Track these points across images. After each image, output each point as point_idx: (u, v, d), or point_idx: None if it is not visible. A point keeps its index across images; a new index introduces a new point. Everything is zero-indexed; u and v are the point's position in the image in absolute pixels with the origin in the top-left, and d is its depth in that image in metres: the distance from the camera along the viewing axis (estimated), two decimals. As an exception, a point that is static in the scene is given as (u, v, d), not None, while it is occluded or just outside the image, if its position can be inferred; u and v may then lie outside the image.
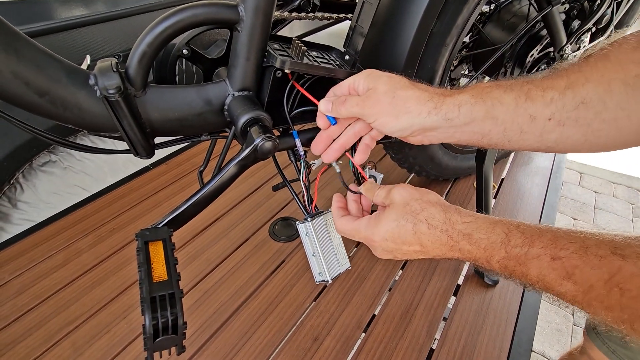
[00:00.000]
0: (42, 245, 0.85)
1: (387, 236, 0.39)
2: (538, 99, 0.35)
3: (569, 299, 0.30)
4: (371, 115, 0.41)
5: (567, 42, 0.73)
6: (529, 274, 0.31)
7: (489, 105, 0.38)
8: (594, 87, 0.33)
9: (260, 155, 0.47)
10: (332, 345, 0.64)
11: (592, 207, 2.12)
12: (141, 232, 0.40)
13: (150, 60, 0.44)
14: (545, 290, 0.31)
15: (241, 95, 0.51)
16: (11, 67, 0.36)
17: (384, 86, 0.41)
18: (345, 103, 0.43)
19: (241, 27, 0.46)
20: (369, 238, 0.41)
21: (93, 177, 1.17)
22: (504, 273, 0.34)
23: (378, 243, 0.40)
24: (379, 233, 0.39)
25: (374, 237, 0.40)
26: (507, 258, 0.33)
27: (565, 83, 0.34)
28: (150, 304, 0.34)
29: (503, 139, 0.39)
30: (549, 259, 0.30)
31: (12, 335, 0.66)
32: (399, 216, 0.38)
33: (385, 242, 0.39)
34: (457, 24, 0.58)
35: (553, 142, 0.37)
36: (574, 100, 0.34)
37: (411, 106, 0.40)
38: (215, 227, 0.89)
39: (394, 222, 0.39)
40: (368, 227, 0.41)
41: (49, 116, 0.42)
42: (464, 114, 0.38)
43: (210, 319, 0.69)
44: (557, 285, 0.30)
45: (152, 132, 0.49)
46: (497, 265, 0.34)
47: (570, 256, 0.29)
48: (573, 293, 0.29)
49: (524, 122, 0.36)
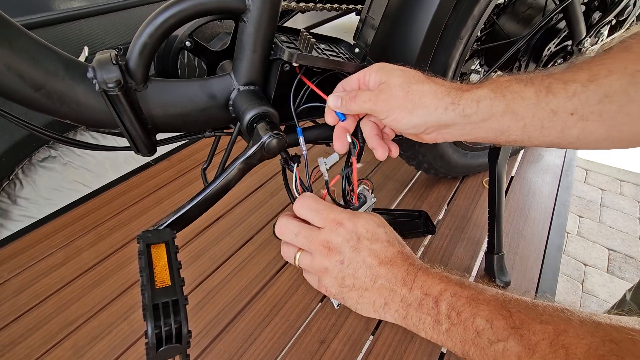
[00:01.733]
0: (42, 243, 0.83)
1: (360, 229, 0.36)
2: (560, 93, 0.34)
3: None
4: (384, 111, 0.39)
5: (587, 35, 0.70)
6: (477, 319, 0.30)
7: (509, 100, 0.35)
8: (617, 79, 0.31)
9: (268, 153, 0.45)
10: (340, 349, 0.62)
11: (598, 204, 2.10)
12: (143, 234, 0.38)
13: (151, 52, 0.42)
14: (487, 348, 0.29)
15: (247, 90, 0.49)
16: (4, 59, 0.34)
17: (398, 79, 0.38)
18: (355, 98, 0.41)
19: (247, 18, 0.44)
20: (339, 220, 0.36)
21: (94, 173, 1.15)
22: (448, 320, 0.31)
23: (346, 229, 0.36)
24: (354, 221, 0.36)
25: (346, 222, 0.36)
26: (458, 295, 0.32)
27: (588, 75, 0.33)
28: (153, 312, 0.32)
29: (522, 135, 0.36)
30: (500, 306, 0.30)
31: (12, 336, 0.65)
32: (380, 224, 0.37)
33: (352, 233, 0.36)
34: (473, 15, 0.55)
35: (575, 137, 0.34)
36: (597, 93, 0.32)
37: (427, 101, 0.37)
38: (218, 225, 0.87)
39: (374, 224, 0.37)
40: (344, 212, 0.37)
41: (45, 111, 0.40)
42: (482, 110, 0.36)
43: (214, 320, 0.67)
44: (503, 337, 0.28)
45: (153, 128, 0.47)
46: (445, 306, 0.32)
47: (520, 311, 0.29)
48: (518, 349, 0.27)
49: (545, 117, 0.34)
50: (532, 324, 0.28)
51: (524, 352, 0.27)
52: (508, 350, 0.27)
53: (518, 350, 0.27)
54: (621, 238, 1.87)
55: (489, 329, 0.29)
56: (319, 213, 0.38)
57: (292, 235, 0.39)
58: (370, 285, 0.35)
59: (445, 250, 0.81)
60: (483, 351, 0.29)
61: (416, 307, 0.33)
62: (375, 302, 0.35)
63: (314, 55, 0.49)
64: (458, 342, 0.31)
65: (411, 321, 0.34)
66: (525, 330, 0.27)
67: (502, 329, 0.28)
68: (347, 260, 0.35)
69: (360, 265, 0.35)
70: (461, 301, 0.31)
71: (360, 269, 0.35)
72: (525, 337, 0.27)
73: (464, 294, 0.32)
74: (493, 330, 0.29)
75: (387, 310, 0.35)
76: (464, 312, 0.30)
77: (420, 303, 0.33)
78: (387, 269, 0.35)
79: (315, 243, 0.37)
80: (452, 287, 0.33)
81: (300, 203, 0.40)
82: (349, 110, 0.42)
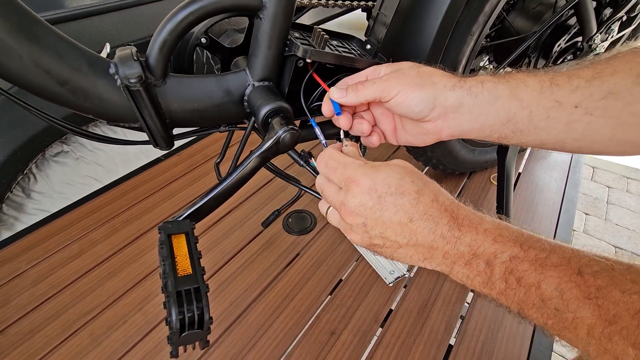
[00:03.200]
0: (57, 236, 0.85)
1: (379, 185, 0.32)
2: (564, 85, 0.34)
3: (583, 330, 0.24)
4: (395, 87, 0.38)
5: (597, 32, 0.70)
6: (542, 286, 0.26)
7: (512, 85, 0.36)
8: (622, 78, 0.31)
9: (283, 147, 0.46)
10: (350, 340, 0.63)
11: (605, 202, 2.09)
12: (164, 225, 0.40)
13: (171, 48, 0.43)
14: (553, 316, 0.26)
15: (261, 86, 0.50)
16: (33, 54, 0.35)
17: (408, 64, 0.40)
18: (365, 83, 0.40)
19: (264, 15, 0.45)
20: (354, 178, 0.33)
21: (105, 168, 1.17)
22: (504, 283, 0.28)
23: (361, 189, 0.32)
24: (372, 177, 0.32)
25: (362, 179, 0.33)
26: (518, 258, 0.27)
27: (592, 73, 0.33)
28: (177, 299, 0.34)
29: (529, 125, 0.36)
30: (571, 272, 0.25)
31: (31, 324, 0.67)
32: (405, 173, 0.33)
33: (372, 192, 0.32)
34: (484, 11, 0.56)
35: (580, 133, 0.34)
36: (601, 89, 0.32)
37: (436, 79, 0.38)
38: (229, 218, 0.88)
39: (397, 175, 0.32)
40: (361, 167, 0.34)
41: (69, 106, 0.41)
42: (487, 90, 0.36)
43: (226, 312, 0.68)
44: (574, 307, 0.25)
45: (171, 123, 0.48)
46: (500, 269, 0.28)
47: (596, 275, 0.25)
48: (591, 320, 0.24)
49: (550, 107, 0.34)
50: (612, 291, 0.24)
51: (599, 323, 0.24)
52: (578, 320, 0.24)
53: (591, 322, 0.24)
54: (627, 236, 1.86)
55: (557, 297, 0.25)
56: (335, 171, 0.35)
57: (320, 191, 0.38)
58: (404, 242, 0.32)
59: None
60: (546, 316, 0.26)
61: (462, 265, 0.30)
62: (412, 257, 0.32)
63: (327, 51, 0.50)
64: (514, 304, 0.28)
65: (457, 276, 0.31)
66: (603, 300, 0.24)
67: (574, 299, 0.25)
68: (369, 222, 0.32)
69: (387, 225, 0.32)
70: (522, 266, 0.27)
71: (387, 229, 0.32)
72: (602, 308, 0.24)
73: (526, 257, 0.27)
74: (563, 299, 0.25)
75: (427, 264, 0.32)
76: (526, 277, 0.27)
77: (468, 262, 0.29)
78: (421, 225, 0.31)
79: (336, 204, 0.35)
80: (510, 248, 0.28)
81: (319, 160, 0.38)
82: (357, 95, 0.41)
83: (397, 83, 0.38)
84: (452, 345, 0.63)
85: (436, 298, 0.70)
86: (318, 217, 0.88)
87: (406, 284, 0.74)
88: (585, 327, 0.24)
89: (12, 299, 0.71)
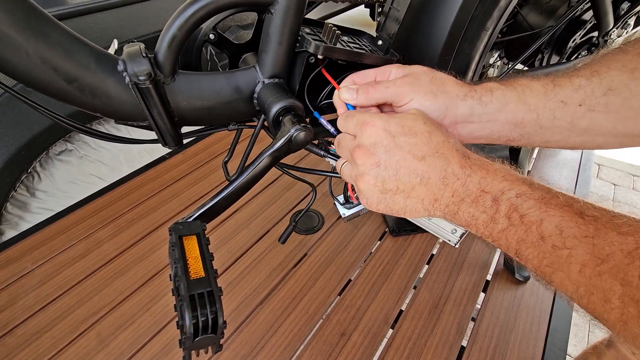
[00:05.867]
0: (63, 235, 0.84)
1: (392, 126, 0.33)
2: (566, 85, 0.36)
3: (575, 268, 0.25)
4: (409, 93, 0.38)
5: (614, 26, 0.68)
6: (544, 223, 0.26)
7: (519, 92, 0.37)
8: (618, 74, 0.34)
9: (295, 146, 0.45)
10: (360, 341, 0.62)
11: (611, 199, 2.07)
12: (174, 226, 0.39)
13: (180, 44, 0.41)
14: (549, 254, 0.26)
15: (272, 83, 0.49)
16: (40, 51, 0.34)
17: (421, 69, 0.40)
18: (377, 85, 0.40)
19: (275, 10, 0.43)
20: (368, 120, 0.34)
21: (109, 167, 1.16)
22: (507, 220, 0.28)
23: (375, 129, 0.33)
24: (386, 119, 0.34)
25: (376, 121, 0.33)
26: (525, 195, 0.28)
27: (590, 71, 0.35)
28: (190, 302, 0.33)
29: (536, 127, 0.37)
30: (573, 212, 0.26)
31: (38, 325, 0.66)
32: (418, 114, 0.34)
33: (385, 132, 0.33)
34: (499, 5, 0.54)
35: (583, 129, 0.36)
36: (601, 86, 0.34)
37: (449, 87, 0.38)
38: (236, 218, 0.87)
39: (411, 117, 0.34)
40: (376, 114, 0.35)
41: (76, 104, 0.40)
42: (497, 99, 0.37)
43: (235, 312, 0.68)
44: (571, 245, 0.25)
45: (180, 121, 0.47)
46: (505, 206, 0.28)
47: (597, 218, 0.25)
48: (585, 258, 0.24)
49: (555, 108, 0.36)
50: (609, 233, 0.24)
51: (591, 261, 0.24)
52: (572, 257, 0.25)
53: (584, 259, 0.25)
54: (633, 235, 1.85)
55: (556, 234, 0.26)
56: (351, 118, 0.36)
57: (336, 146, 0.39)
58: (417, 182, 0.32)
59: (463, 244, 0.81)
60: (542, 254, 0.27)
61: (469, 202, 0.30)
62: (424, 200, 0.33)
63: (339, 47, 0.49)
64: (513, 242, 0.28)
65: (462, 217, 0.31)
66: (600, 240, 0.24)
67: (572, 237, 0.25)
68: (383, 161, 0.33)
69: (401, 163, 0.32)
70: (528, 203, 0.28)
71: (401, 168, 0.32)
72: (597, 247, 0.24)
73: (532, 195, 0.28)
74: (562, 237, 0.26)
75: (436, 207, 0.33)
76: (529, 214, 0.27)
77: (476, 199, 0.30)
78: (435, 161, 0.32)
79: (349, 150, 0.36)
80: (518, 186, 0.29)
81: (339, 119, 0.39)
82: (368, 98, 0.41)
83: (411, 90, 0.38)
84: (464, 346, 0.62)
85: (447, 299, 0.69)
86: (326, 216, 0.87)
87: (415, 285, 0.73)
88: (578, 265, 0.25)
89: (18, 299, 0.70)
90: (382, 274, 0.74)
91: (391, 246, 0.80)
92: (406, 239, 0.80)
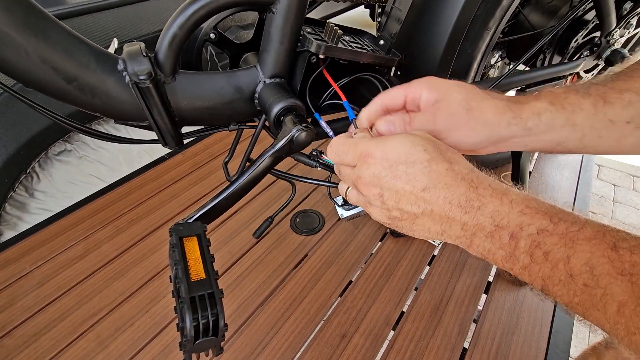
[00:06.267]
0: (62, 236, 0.84)
1: (390, 154, 0.31)
2: (616, 102, 0.34)
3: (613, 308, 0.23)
4: (444, 131, 0.36)
5: (617, 26, 0.68)
6: (572, 260, 0.24)
7: (569, 112, 0.35)
8: None
9: (296, 146, 0.45)
10: (362, 343, 0.62)
11: (611, 200, 2.06)
12: (175, 227, 0.38)
13: (180, 43, 0.41)
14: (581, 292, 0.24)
15: (273, 83, 0.48)
16: (39, 50, 0.34)
17: (457, 96, 0.36)
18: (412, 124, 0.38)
19: (276, 9, 0.43)
20: (366, 152, 0.32)
21: (108, 167, 1.16)
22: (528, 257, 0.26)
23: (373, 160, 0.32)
24: (383, 147, 0.32)
25: (374, 150, 0.32)
26: (547, 231, 0.25)
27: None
28: (191, 304, 0.32)
29: (578, 145, 0.36)
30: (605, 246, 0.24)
31: (37, 327, 0.66)
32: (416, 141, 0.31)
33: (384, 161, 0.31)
34: (502, 5, 0.54)
35: (630, 146, 0.34)
36: None
37: (489, 117, 0.35)
38: (235, 219, 0.87)
39: (408, 144, 0.31)
40: (372, 140, 0.33)
41: (75, 103, 0.39)
42: (544, 122, 0.35)
43: (235, 314, 0.67)
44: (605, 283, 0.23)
45: (180, 121, 0.46)
46: (525, 242, 0.26)
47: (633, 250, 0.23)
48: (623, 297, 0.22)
49: (602, 127, 0.34)
50: None
51: (631, 301, 0.22)
52: (608, 296, 0.23)
53: (622, 298, 0.22)
54: (634, 234, 1.85)
55: (587, 273, 0.24)
56: (347, 154, 0.35)
57: (337, 173, 0.38)
58: (420, 212, 0.31)
59: (464, 245, 0.81)
60: (573, 292, 0.24)
61: (483, 237, 0.28)
62: (430, 229, 0.31)
63: (341, 47, 0.49)
64: (538, 280, 0.26)
65: (477, 250, 0.29)
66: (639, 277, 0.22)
67: (606, 274, 0.23)
68: (385, 193, 0.32)
69: (401, 193, 0.31)
70: (551, 239, 0.25)
71: (402, 199, 0.31)
72: (636, 285, 0.22)
73: (555, 230, 0.25)
74: (593, 275, 0.23)
75: (446, 237, 0.31)
76: (554, 252, 0.25)
77: (490, 234, 0.28)
78: (437, 192, 0.30)
79: (353, 181, 0.35)
80: (539, 220, 0.26)
81: (329, 152, 0.37)
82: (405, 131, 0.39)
83: (447, 127, 0.36)
84: (466, 348, 0.62)
85: (448, 300, 0.69)
86: (326, 217, 0.87)
87: (417, 286, 0.73)
88: (616, 304, 0.23)
89: (17, 300, 0.70)
90: (383, 275, 0.74)
91: (392, 247, 0.79)
92: (407, 239, 0.80)
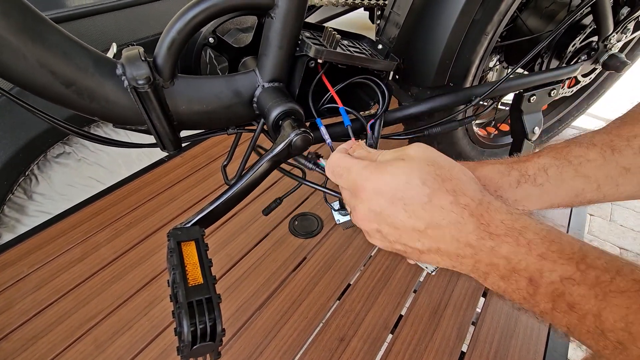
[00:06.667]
0: (60, 239, 0.84)
1: (384, 188, 0.28)
2: (625, 150, 0.33)
3: None
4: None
5: (614, 31, 0.69)
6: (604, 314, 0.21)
7: (575, 165, 0.35)
8: None
9: (294, 150, 0.45)
10: (360, 347, 0.62)
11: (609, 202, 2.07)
12: (173, 232, 0.38)
13: (179, 48, 0.41)
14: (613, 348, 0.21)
15: (271, 87, 0.49)
16: (37, 54, 0.34)
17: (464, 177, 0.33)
18: None
19: (275, 14, 0.43)
20: (358, 184, 0.30)
21: (107, 170, 1.15)
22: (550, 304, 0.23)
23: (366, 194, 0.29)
24: (375, 180, 0.29)
25: (365, 184, 0.29)
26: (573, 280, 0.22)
27: None
28: (188, 309, 0.32)
29: (598, 195, 0.35)
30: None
31: (34, 330, 0.65)
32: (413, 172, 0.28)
33: (378, 196, 0.28)
34: (500, 10, 0.54)
35: None
36: None
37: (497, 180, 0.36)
38: (234, 222, 0.87)
39: (403, 177, 0.28)
40: (366, 168, 0.30)
41: (74, 107, 0.40)
42: (553, 177, 0.35)
43: (233, 317, 0.67)
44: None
45: (179, 125, 0.46)
46: (547, 290, 0.23)
47: None
48: None
49: (618, 175, 0.34)
50: None
51: None
52: None
53: None
54: (632, 237, 1.85)
55: (622, 330, 0.21)
56: (341, 178, 0.33)
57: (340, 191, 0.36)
58: (425, 249, 0.28)
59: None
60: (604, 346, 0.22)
61: (498, 277, 0.26)
62: (440, 263, 0.29)
63: (339, 51, 0.49)
64: (562, 327, 0.24)
65: (492, 287, 0.27)
66: None
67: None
68: (383, 228, 0.29)
69: (402, 231, 0.28)
70: (579, 290, 0.22)
71: (403, 235, 0.28)
72: None
73: (583, 280, 0.22)
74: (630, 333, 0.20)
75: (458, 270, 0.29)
76: (582, 304, 0.22)
77: (506, 277, 0.25)
78: (440, 232, 0.27)
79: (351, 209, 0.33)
80: (562, 266, 0.23)
81: (327, 169, 0.35)
82: None
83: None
84: (464, 352, 0.62)
85: (447, 303, 0.69)
86: (325, 219, 0.87)
87: (415, 289, 0.73)
88: None
89: (14, 303, 0.69)
90: (382, 278, 0.74)
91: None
92: (406, 243, 0.80)
